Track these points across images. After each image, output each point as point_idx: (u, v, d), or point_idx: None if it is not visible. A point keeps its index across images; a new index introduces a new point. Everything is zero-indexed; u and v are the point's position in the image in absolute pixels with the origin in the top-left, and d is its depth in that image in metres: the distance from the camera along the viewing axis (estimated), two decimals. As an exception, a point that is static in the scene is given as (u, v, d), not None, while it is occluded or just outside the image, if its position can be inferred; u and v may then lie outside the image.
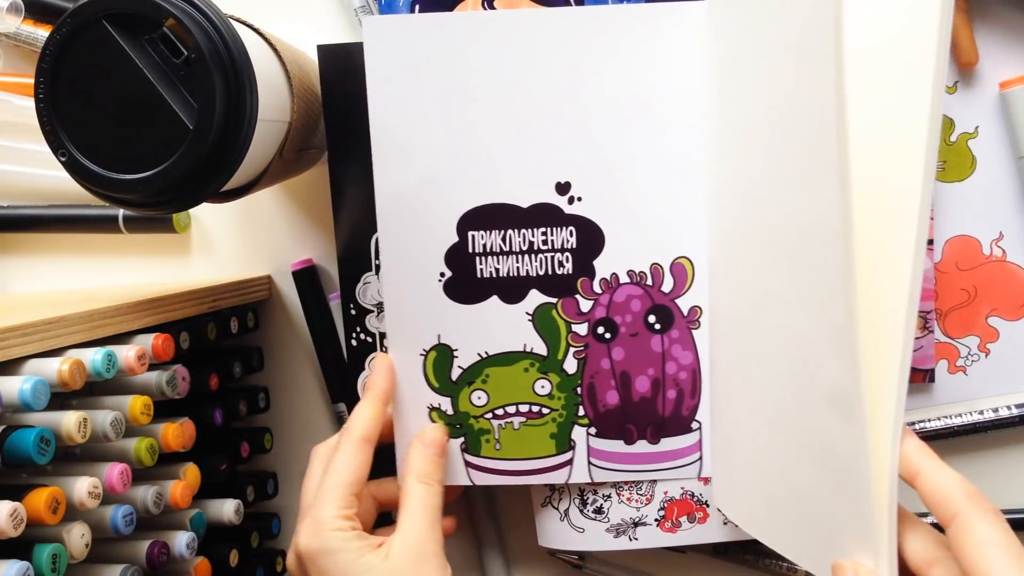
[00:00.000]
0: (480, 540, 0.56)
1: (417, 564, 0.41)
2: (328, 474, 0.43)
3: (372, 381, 0.47)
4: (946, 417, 0.52)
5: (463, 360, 0.48)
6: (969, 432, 0.52)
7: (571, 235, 0.47)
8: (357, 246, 0.51)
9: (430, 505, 0.44)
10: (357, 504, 0.43)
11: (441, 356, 0.48)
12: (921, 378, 0.52)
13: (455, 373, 0.48)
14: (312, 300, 0.56)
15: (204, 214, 0.58)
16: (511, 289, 0.47)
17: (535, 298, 0.47)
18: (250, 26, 0.45)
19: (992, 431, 0.52)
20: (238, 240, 0.58)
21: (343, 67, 0.49)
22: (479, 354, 0.48)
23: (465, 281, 0.47)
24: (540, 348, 0.48)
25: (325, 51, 0.49)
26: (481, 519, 0.56)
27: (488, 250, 0.47)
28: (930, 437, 0.52)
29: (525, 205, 0.47)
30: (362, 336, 0.52)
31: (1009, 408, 0.52)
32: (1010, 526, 0.34)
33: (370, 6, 0.53)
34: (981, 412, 0.52)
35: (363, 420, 0.45)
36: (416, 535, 0.42)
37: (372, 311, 0.51)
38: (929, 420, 0.52)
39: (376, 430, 0.45)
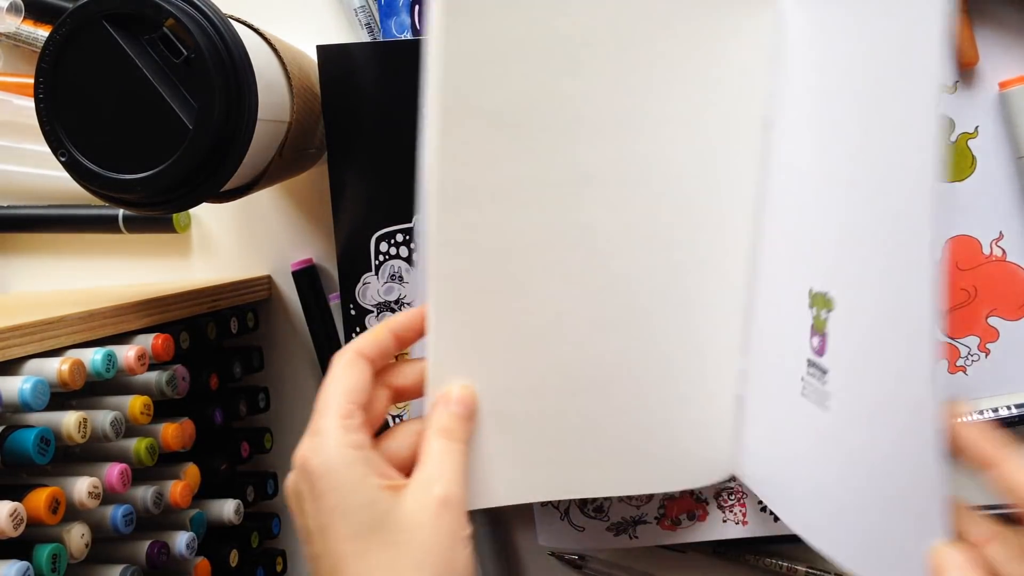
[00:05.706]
0: (479, 539, 0.56)
1: (438, 511, 0.35)
2: (323, 389, 0.38)
3: (394, 317, 0.41)
4: (946, 417, 0.52)
5: None
6: (969, 432, 0.52)
7: None
8: (357, 246, 0.51)
9: (455, 458, 0.38)
10: (361, 415, 0.37)
11: None
12: (921, 378, 0.52)
13: None
14: (312, 300, 0.56)
15: (204, 214, 0.58)
16: None
17: None
18: (250, 26, 0.45)
19: (992, 431, 0.52)
20: (238, 240, 0.58)
21: (343, 67, 0.49)
22: None
23: None
24: None
25: (325, 51, 0.49)
26: (480, 518, 0.56)
27: None
28: (930, 437, 0.52)
29: None
30: (362, 336, 0.51)
31: (1009, 408, 0.51)
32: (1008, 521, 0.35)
33: (370, 6, 0.53)
34: (981, 412, 0.52)
35: (362, 337, 0.40)
36: (441, 482, 0.36)
37: (372, 311, 0.51)
38: (929, 420, 0.52)
39: (375, 350, 0.39)
